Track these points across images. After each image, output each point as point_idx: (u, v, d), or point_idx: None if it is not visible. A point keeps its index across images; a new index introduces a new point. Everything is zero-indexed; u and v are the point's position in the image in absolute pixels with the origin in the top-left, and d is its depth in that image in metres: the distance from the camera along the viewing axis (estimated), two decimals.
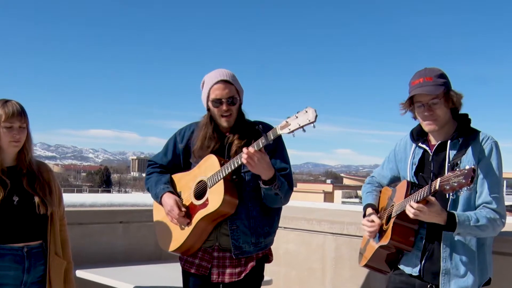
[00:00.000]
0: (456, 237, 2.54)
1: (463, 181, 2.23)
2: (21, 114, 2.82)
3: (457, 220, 2.44)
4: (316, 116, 2.54)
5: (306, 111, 2.57)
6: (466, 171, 2.23)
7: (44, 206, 2.82)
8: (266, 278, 3.25)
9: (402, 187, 2.69)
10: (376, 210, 2.89)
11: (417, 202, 2.42)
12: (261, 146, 2.70)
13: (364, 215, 2.89)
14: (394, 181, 2.92)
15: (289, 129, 2.61)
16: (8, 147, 2.82)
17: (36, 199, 2.82)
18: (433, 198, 2.41)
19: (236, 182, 2.91)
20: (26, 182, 2.84)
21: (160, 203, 3.06)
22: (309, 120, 2.56)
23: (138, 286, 3.45)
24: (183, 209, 2.96)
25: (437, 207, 2.43)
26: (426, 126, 2.63)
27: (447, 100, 2.58)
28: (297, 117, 2.59)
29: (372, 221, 2.78)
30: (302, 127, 2.59)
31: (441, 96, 2.57)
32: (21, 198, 2.80)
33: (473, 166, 2.27)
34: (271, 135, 2.68)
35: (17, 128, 2.81)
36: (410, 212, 2.44)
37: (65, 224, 3.01)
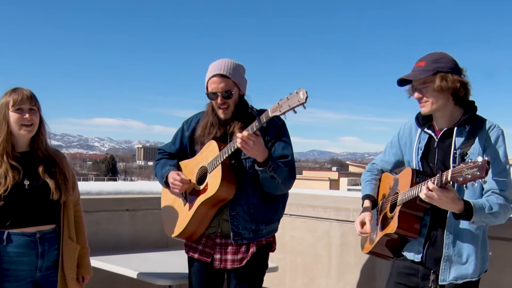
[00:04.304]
0: (463, 225, 2.51)
1: (478, 173, 2.20)
2: (30, 98, 2.75)
3: (473, 209, 2.41)
4: (307, 97, 2.50)
5: (297, 92, 2.54)
6: (480, 163, 2.20)
7: (59, 192, 2.78)
8: (272, 265, 3.26)
9: (406, 175, 2.66)
10: (375, 201, 2.89)
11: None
12: (254, 129, 2.69)
13: (362, 205, 2.89)
14: (398, 165, 2.90)
15: (280, 111, 2.59)
16: (19, 131, 2.74)
17: (52, 185, 2.78)
18: (449, 185, 2.37)
19: (236, 168, 2.91)
20: (42, 168, 2.79)
21: (166, 183, 3.08)
22: (299, 101, 2.52)
23: (144, 273, 3.47)
24: (186, 177, 2.98)
25: (453, 194, 2.39)
26: (421, 109, 2.64)
27: (438, 84, 2.54)
28: (288, 99, 2.57)
29: (365, 226, 2.78)
30: (292, 108, 2.55)
31: (429, 81, 2.55)
32: (32, 182, 2.76)
33: (487, 159, 2.23)
34: (263, 118, 2.67)
35: (28, 110, 2.73)
36: (423, 194, 2.39)
37: (80, 210, 2.99)
